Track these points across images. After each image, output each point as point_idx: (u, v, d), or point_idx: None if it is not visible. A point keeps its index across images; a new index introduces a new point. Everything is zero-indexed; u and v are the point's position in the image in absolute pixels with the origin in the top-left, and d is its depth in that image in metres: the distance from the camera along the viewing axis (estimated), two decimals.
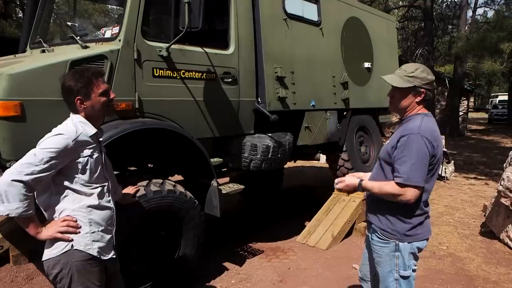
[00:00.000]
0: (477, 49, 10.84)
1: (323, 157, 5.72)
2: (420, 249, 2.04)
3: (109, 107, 1.94)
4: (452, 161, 8.50)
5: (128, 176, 3.07)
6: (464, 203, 6.32)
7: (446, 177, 8.03)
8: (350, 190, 2.13)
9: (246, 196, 5.86)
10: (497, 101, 29.31)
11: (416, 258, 2.05)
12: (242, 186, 3.74)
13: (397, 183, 1.90)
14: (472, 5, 21.65)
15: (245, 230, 4.97)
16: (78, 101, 1.81)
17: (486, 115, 30.97)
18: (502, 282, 3.55)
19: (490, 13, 25.35)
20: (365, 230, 2.75)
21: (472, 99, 33.60)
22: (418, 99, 1.98)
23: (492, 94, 35.59)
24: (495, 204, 4.62)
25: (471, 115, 28.84)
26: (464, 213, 5.73)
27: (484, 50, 10.47)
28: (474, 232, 4.90)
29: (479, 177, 8.52)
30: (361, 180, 2.06)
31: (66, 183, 1.78)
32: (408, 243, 1.99)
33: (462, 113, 19.38)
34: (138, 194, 2.66)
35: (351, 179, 2.11)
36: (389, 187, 1.93)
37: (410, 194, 1.88)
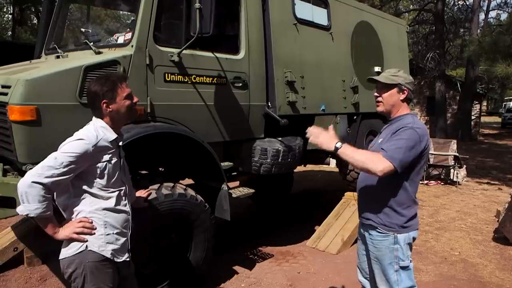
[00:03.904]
0: (490, 53, 10.67)
1: (333, 162, 5.70)
2: (414, 239, 2.14)
3: (133, 110, 1.98)
4: (464, 166, 8.39)
5: (139, 180, 3.10)
6: (476, 208, 6.23)
7: (458, 182, 7.94)
8: (321, 146, 2.01)
9: (256, 200, 5.87)
10: (511, 105, 28.85)
11: (411, 247, 2.15)
12: (252, 190, 3.75)
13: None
14: (485, 8, 21.46)
15: (255, 234, 4.98)
16: (104, 105, 1.85)
17: (499, 119, 30.52)
18: None
19: (503, 16, 25.06)
20: None
21: (485, 103, 33.14)
22: (402, 96, 2.12)
23: (506, 98, 35.02)
24: (509, 209, 4.55)
25: (484, 119, 28.46)
26: (477, 219, 5.65)
27: (497, 53, 10.31)
28: (487, 237, 4.83)
29: (492, 182, 8.39)
30: (338, 145, 1.96)
31: (84, 186, 1.83)
32: (406, 233, 2.09)
33: (475, 117, 19.14)
34: (149, 198, 2.69)
35: (327, 139, 1.99)
36: (371, 155, 1.96)
37: (383, 167, 1.89)
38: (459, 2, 22.51)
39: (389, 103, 2.13)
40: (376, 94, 2.18)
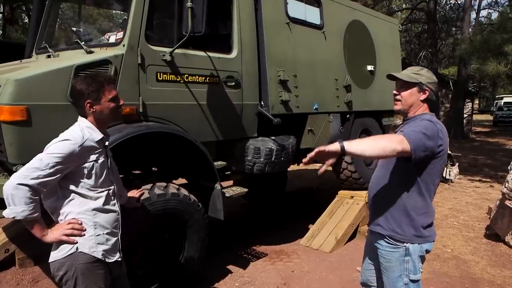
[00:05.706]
0: (481, 51, 10.77)
1: None
2: (428, 251, 2.02)
3: (117, 112, 1.96)
4: (457, 164, 8.45)
5: (132, 180, 3.09)
6: (468, 205, 6.29)
7: (451, 179, 7.99)
8: (326, 159, 1.83)
9: (250, 199, 5.87)
10: (502, 103, 29.17)
11: (423, 260, 2.03)
12: (246, 189, 3.75)
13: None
14: (476, 7, 21.65)
15: (249, 233, 4.98)
16: (88, 105, 1.83)
17: (491, 117, 30.85)
18: (507, 285, 3.53)
19: (494, 15, 25.29)
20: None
21: (476, 101, 33.46)
22: (423, 97, 2.00)
23: (497, 96, 35.38)
24: (500, 207, 4.60)
25: (476, 117, 28.72)
26: (469, 216, 5.70)
27: (488, 52, 10.41)
28: (479, 234, 4.88)
29: (484, 179, 8.47)
30: (343, 143, 1.76)
31: (72, 187, 1.81)
32: (418, 244, 1.97)
33: (467, 115, 19.30)
34: (142, 198, 2.68)
35: (327, 146, 1.78)
36: (382, 136, 1.91)
37: (400, 140, 1.79)
38: (451, 1, 22.72)
39: (407, 102, 2.01)
40: (395, 92, 2.06)
